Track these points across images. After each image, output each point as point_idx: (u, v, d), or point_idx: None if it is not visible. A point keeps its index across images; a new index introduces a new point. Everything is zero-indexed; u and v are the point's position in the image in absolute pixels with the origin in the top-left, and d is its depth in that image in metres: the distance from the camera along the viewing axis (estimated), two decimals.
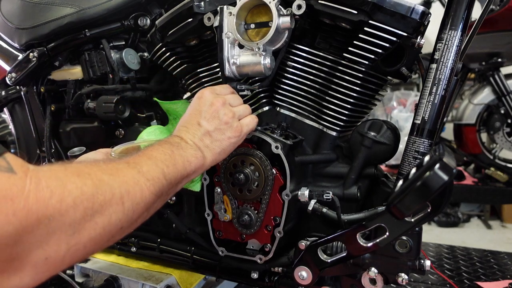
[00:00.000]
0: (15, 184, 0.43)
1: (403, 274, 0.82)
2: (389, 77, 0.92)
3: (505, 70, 2.74)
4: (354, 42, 0.84)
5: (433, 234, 2.75)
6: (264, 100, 0.99)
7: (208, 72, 1.04)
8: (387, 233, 0.75)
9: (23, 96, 1.35)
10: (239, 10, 0.87)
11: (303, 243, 0.86)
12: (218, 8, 0.89)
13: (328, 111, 0.92)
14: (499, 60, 2.60)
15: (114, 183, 0.55)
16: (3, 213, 0.41)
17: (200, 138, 0.76)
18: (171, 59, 1.06)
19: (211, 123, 0.78)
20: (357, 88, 0.89)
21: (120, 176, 0.57)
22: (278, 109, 0.98)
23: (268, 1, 0.83)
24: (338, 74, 0.90)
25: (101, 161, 0.63)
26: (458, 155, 2.99)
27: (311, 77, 0.93)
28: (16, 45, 1.26)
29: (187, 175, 0.71)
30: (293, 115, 0.97)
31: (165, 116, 1.19)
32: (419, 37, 0.83)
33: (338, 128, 0.93)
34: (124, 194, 0.55)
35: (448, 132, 3.17)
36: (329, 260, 0.83)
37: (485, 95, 2.76)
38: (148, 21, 1.17)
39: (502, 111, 2.72)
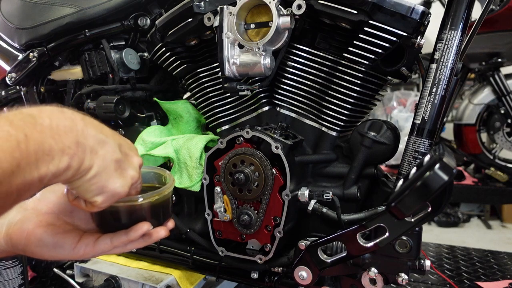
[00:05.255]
0: None
1: (403, 274, 0.82)
2: (389, 77, 0.92)
3: (505, 70, 2.74)
4: (354, 42, 0.84)
5: (433, 234, 2.75)
6: (264, 100, 0.99)
7: (208, 72, 1.04)
8: (387, 233, 0.75)
9: (23, 96, 1.35)
10: (239, 10, 0.87)
11: (303, 243, 0.86)
12: (218, 8, 0.89)
13: (328, 111, 0.92)
14: (499, 60, 2.60)
15: None
16: None
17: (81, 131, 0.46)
18: (171, 59, 1.06)
19: (108, 137, 0.50)
20: (357, 88, 0.89)
21: None
22: (278, 109, 0.98)
23: (268, 1, 0.84)
24: (338, 74, 0.90)
25: None
26: (458, 155, 2.98)
27: (311, 77, 0.93)
28: (16, 45, 1.26)
29: (39, 178, 0.41)
30: (293, 115, 0.97)
31: (165, 116, 1.19)
32: (419, 37, 0.83)
33: (338, 128, 0.93)
34: None
35: (448, 132, 3.16)
36: (329, 260, 0.83)
37: (485, 95, 2.76)
38: (148, 21, 1.17)
39: (502, 111, 2.72)
